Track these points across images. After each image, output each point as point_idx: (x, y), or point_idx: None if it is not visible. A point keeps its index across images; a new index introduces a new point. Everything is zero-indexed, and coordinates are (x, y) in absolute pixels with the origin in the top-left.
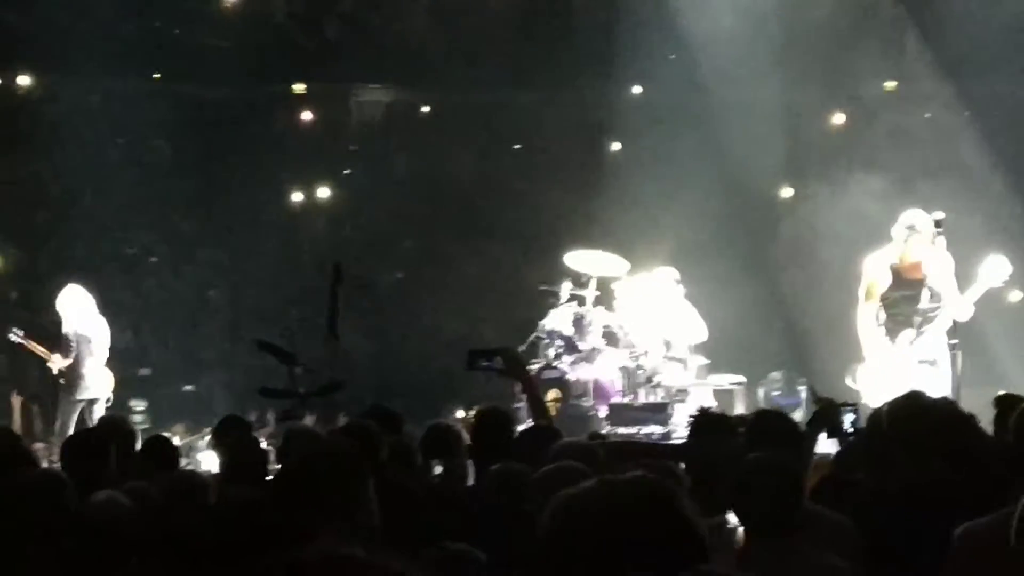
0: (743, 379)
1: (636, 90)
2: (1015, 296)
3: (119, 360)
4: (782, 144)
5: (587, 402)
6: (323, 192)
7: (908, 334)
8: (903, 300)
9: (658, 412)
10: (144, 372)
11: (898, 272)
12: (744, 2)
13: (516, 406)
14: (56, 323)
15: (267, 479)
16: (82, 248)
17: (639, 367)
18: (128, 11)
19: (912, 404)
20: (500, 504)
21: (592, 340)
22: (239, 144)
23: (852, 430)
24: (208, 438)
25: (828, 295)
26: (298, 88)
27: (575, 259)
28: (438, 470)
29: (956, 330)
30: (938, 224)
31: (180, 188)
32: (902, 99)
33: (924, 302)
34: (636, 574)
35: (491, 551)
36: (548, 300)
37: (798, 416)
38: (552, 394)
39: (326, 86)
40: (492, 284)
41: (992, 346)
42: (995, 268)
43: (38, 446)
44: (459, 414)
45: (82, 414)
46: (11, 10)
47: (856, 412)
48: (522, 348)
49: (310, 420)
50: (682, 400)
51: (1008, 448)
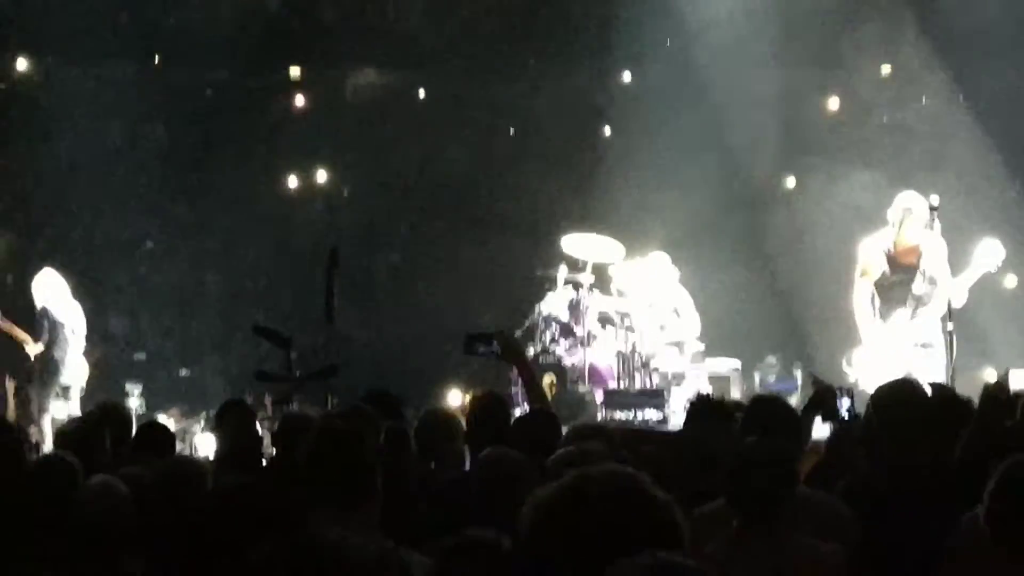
0: (739, 364)
1: (631, 76)
2: (1010, 281)
3: (114, 345)
4: (778, 129)
5: (583, 387)
6: (319, 177)
7: (902, 313)
8: (898, 284)
9: (654, 397)
10: (139, 357)
11: (893, 256)
12: None
13: (512, 391)
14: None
15: (263, 464)
16: (77, 233)
17: (635, 352)
18: None
19: (897, 391)
20: (492, 490)
21: (588, 325)
22: (234, 129)
23: (847, 415)
24: (203, 422)
25: (824, 279)
26: (293, 73)
27: (571, 244)
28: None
29: (951, 315)
30: (933, 208)
31: (175, 173)
32: (899, 85)
33: (919, 285)
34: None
35: None
36: (544, 285)
37: (794, 401)
38: (548, 379)
39: (321, 71)
40: (488, 269)
41: (987, 331)
42: (989, 252)
43: (33, 429)
44: (455, 398)
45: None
46: None
47: (852, 397)
48: (518, 333)
49: (305, 404)
50: (678, 384)
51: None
